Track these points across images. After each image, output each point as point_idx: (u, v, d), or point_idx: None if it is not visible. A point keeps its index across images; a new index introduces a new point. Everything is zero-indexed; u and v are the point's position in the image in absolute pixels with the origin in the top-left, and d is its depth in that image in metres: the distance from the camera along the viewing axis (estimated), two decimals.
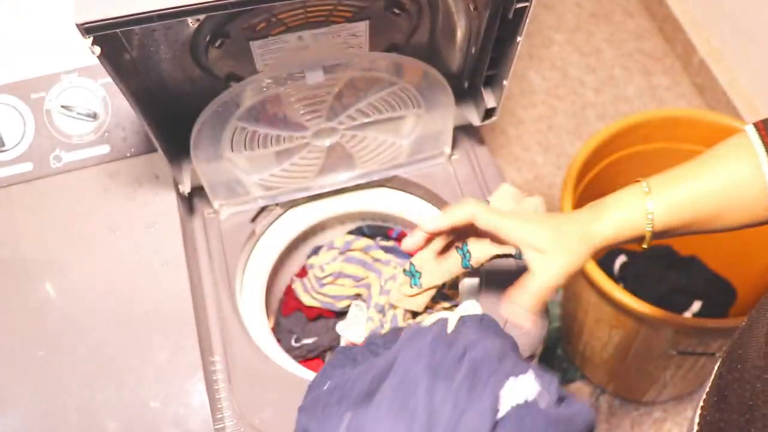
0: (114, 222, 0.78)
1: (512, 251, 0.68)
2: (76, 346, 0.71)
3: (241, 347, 0.76)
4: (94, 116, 0.79)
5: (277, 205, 0.89)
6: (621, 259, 1.41)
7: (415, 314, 0.83)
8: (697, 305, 1.35)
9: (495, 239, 0.64)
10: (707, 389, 0.64)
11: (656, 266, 1.39)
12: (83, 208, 0.78)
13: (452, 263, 0.71)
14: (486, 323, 0.62)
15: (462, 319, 0.60)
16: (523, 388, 0.50)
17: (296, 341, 0.95)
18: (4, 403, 0.68)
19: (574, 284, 1.32)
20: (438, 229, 0.63)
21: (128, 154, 0.81)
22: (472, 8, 0.76)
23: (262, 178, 0.85)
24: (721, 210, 0.61)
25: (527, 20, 0.72)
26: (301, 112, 0.78)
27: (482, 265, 0.70)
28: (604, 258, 1.40)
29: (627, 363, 1.29)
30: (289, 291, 1.00)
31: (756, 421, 0.52)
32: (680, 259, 1.42)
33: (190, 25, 0.69)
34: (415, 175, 0.91)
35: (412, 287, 0.77)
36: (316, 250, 1.01)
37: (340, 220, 1.00)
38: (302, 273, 1.01)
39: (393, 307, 0.83)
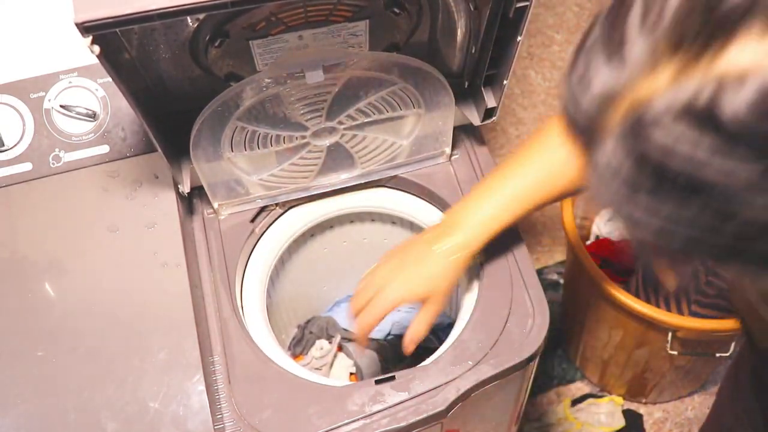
0: (113, 222, 0.78)
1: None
2: (76, 346, 0.70)
3: (241, 347, 0.76)
4: (94, 116, 0.79)
5: (276, 205, 0.89)
6: None
7: None
8: None
9: None
10: None
11: None
12: (83, 208, 0.78)
13: None
14: None
15: None
16: None
17: None
18: (3, 403, 0.67)
19: (575, 284, 1.32)
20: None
21: (128, 154, 0.81)
22: (472, 8, 0.76)
23: (262, 178, 0.85)
24: (547, 197, 0.71)
25: (527, 20, 0.72)
26: (301, 111, 0.78)
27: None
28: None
29: (627, 363, 1.29)
30: None
31: None
32: None
33: (190, 24, 0.69)
34: (415, 175, 0.91)
35: None
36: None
37: (340, 220, 1.00)
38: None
39: None
